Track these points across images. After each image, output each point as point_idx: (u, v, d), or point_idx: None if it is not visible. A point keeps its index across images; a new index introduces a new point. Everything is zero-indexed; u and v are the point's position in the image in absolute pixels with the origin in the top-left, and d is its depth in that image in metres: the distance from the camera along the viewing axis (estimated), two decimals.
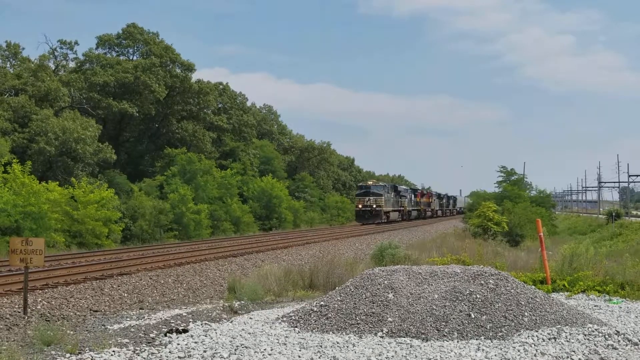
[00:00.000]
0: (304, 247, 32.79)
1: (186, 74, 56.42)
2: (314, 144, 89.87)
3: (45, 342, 9.53)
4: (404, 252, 20.24)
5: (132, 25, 56.99)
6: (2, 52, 48.97)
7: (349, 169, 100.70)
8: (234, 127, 65.40)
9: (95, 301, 14.88)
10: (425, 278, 11.09)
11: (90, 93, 49.87)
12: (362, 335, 9.62)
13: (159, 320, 11.78)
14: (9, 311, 12.93)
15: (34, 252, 12.43)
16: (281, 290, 15.29)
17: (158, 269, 20.91)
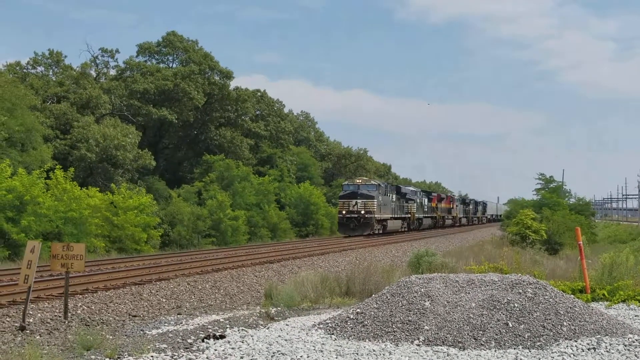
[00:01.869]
0: (340, 253, 32.79)
1: (225, 81, 56.90)
2: (351, 151, 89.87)
3: (85, 346, 9.67)
4: (441, 260, 20.13)
5: (172, 33, 57.68)
6: (45, 61, 49.88)
7: (385, 175, 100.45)
8: (271, 133, 65.72)
9: (134, 306, 15.05)
10: (463, 286, 11.03)
11: (130, 100, 50.56)
12: (398, 343, 9.60)
13: (197, 325, 11.88)
14: (50, 315, 13.15)
15: (75, 258, 12.63)
16: (318, 297, 15.31)
17: (196, 275, 21.08)
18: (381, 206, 51.75)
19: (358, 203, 49.82)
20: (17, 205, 29.02)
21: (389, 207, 54.61)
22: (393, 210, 56.05)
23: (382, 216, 52.45)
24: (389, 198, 54.64)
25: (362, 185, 51.37)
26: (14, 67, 48.54)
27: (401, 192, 60.25)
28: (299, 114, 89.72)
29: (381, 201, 51.73)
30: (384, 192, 53.42)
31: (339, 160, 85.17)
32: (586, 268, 15.01)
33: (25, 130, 35.86)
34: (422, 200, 68.35)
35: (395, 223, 56.78)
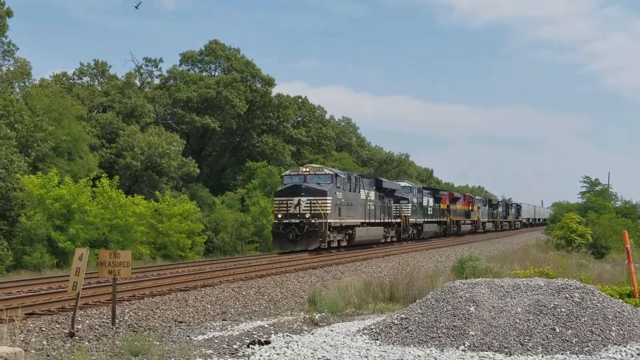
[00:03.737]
0: (383, 259, 32.70)
1: (266, 89, 57.26)
2: (393, 156, 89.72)
3: (133, 352, 9.81)
4: (485, 265, 19.97)
5: (214, 41, 58.26)
6: (91, 71, 50.78)
7: (427, 180, 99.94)
8: (313, 140, 65.89)
9: (179, 312, 15.21)
10: (508, 291, 10.94)
11: (174, 109, 51.20)
12: (443, 349, 9.56)
13: (242, 331, 11.96)
14: (98, 322, 13.35)
15: (122, 265, 12.82)
16: (361, 303, 15.31)
17: (240, 281, 21.22)
18: (341, 207, 34.96)
19: (302, 202, 33.04)
20: (64, 213, 29.57)
21: (360, 208, 37.96)
22: (368, 213, 39.29)
23: (345, 221, 35.55)
24: (358, 195, 37.88)
25: (309, 175, 34.75)
26: (61, 78, 49.52)
27: (383, 188, 42.83)
28: (341, 119, 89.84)
29: (341, 199, 35.10)
30: (349, 186, 36.72)
31: (381, 165, 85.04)
32: (634, 272, 14.76)
33: (72, 140, 36.56)
34: (421, 200, 51.89)
35: (371, 231, 39.74)
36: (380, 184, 42.71)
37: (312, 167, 35.99)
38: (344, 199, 35.62)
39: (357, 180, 38.39)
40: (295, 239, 32.99)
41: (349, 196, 36.32)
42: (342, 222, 35.37)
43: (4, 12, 34.96)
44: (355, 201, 37.25)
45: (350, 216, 36.35)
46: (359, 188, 38.34)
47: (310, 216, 32.86)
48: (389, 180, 51.77)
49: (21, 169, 30.68)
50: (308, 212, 32.92)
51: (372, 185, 41.31)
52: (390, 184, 45.68)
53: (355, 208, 37.31)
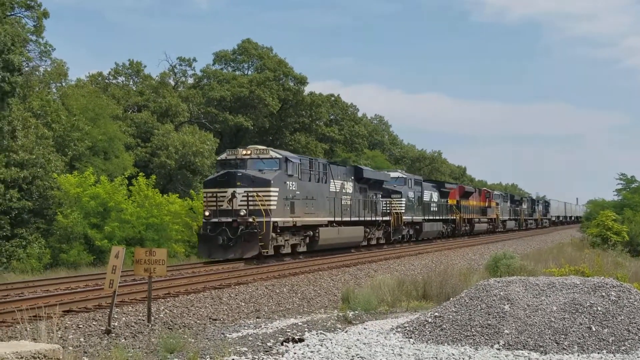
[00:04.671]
0: (416, 257, 32.60)
1: (299, 87, 57.36)
2: (425, 154, 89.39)
3: (168, 349, 9.92)
4: (519, 263, 19.82)
5: (247, 40, 58.50)
6: (126, 71, 51.33)
7: (460, 178, 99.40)
8: (345, 138, 65.88)
9: (214, 310, 15.32)
10: (543, 289, 10.86)
11: (207, 108, 51.55)
12: (477, 347, 9.52)
13: (276, 329, 12.03)
14: (134, 319, 13.51)
15: (157, 262, 12.96)
16: (394, 301, 15.30)
17: (273, 279, 21.31)
18: (295, 201, 27.47)
19: (237, 195, 25.60)
20: (100, 211, 29.95)
21: (327, 203, 30.49)
22: (341, 209, 31.79)
23: (301, 220, 27.87)
24: (325, 187, 30.38)
25: (250, 159, 26.96)
26: (97, 78, 50.11)
27: (365, 179, 35.21)
28: (373, 117, 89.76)
29: (295, 191, 27.52)
30: (310, 174, 29.06)
31: (413, 163, 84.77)
32: None
33: (107, 139, 37.03)
34: (421, 194, 43.96)
35: (345, 232, 32.08)
36: (360, 173, 34.83)
37: (255, 149, 27.75)
38: (301, 191, 27.84)
39: (324, 167, 30.60)
40: (226, 244, 25.43)
41: (308, 188, 28.56)
42: (297, 221, 27.48)
43: (40, 14, 35.45)
44: (319, 194, 29.51)
45: (310, 213, 28.54)
46: (327, 178, 30.69)
47: (246, 213, 25.29)
48: (376, 169, 45.75)
49: (58, 168, 31.14)
50: (244, 207, 25.40)
51: (350, 175, 33.61)
52: (375, 174, 38.14)
53: (320, 203, 29.52)
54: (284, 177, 26.87)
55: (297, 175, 27.81)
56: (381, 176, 38.77)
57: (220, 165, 28.10)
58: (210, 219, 26.02)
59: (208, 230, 25.92)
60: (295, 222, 27.49)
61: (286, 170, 27.02)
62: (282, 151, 29.80)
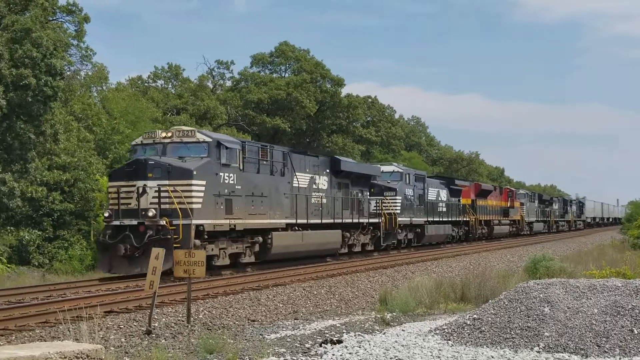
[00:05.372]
0: (454, 259, 32.42)
1: (336, 89, 57.45)
2: (463, 155, 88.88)
3: (208, 350, 10.02)
4: (559, 265, 19.61)
5: (284, 43, 58.77)
6: (165, 74, 51.92)
7: (498, 179, 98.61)
8: (382, 139, 65.83)
9: (252, 311, 15.42)
10: (584, 292, 10.75)
11: (245, 110, 51.90)
12: (517, 350, 9.46)
13: (314, 330, 12.07)
14: (173, 320, 13.66)
15: (196, 264, 13.08)
16: (432, 303, 15.24)
17: (311, 280, 21.37)
18: (234, 198, 21.88)
19: (148, 190, 20.10)
20: None
21: (285, 201, 25.01)
22: (307, 209, 26.30)
23: (244, 222, 22.31)
24: (282, 181, 24.95)
25: (172, 144, 21.37)
26: (136, 81, 50.80)
27: (344, 172, 29.60)
28: (410, 119, 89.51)
29: (235, 185, 21.98)
30: (259, 165, 23.59)
31: (451, 164, 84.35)
32: None
33: None
34: (423, 192, 38.27)
35: (312, 237, 26.35)
36: (337, 165, 29.00)
37: (179, 130, 21.92)
38: (244, 185, 22.31)
39: (282, 157, 25.16)
40: (130, 254, 19.60)
41: (256, 181, 23.16)
42: (237, 224, 21.86)
43: (81, 18, 36.01)
44: (273, 190, 24.12)
45: (259, 214, 23.13)
46: (287, 170, 25.22)
47: (155, 214, 19.56)
48: (361, 162, 40.45)
49: (99, 170, 31.62)
50: (155, 207, 19.66)
51: (324, 168, 28.13)
52: (360, 167, 32.63)
53: (275, 201, 24.18)
54: (216, 167, 21.03)
55: (237, 164, 22.03)
56: (368, 170, 33.20)
57: (135, 152, 21.93)
58: (111, 222, 20.20)
59: (107, 237, 20.06)
60: (233, 225, 21.67)
61: (219, 158, 21.11)
62: (215, 133, 24.33)
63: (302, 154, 28.06)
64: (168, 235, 19.33)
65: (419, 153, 77.17)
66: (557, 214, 76.00)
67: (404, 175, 36.62)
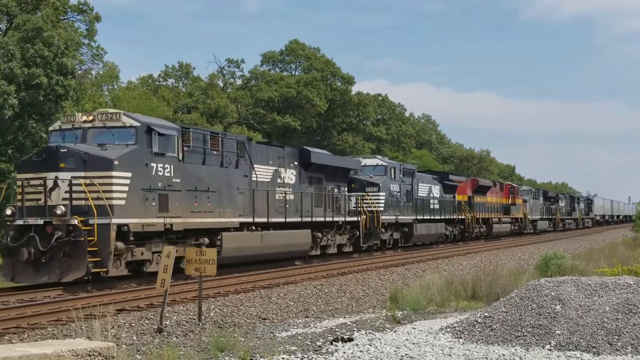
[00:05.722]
0: (465, 257, 32.35)
1: (346, 87, 57.47)
2: (474, 153, 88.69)
3: (219, 348, 10.04)
4: (571, 263, 19.53)
5: (295, 41, 58.82)
6: (175, 73, 52.05)
7: (509, 177, 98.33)
8: (392, 137, 65.78)
9: (263, 309, 15.44)
10: (595, 290, 10.71)
11: (255, 108, 51.97)
12: (528, 347, 9.44)
13: (325, 328, 12.08)
14: (185, 318, 13.70)
15: (207, 262, 13.11)
16: (443, 301, 15.22)
17: (322, 279, 21.38)
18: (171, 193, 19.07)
19: (59, 184, 17.13)
20: None
21: (239, 197, 22.11)
22: (262, 207, 23.13)
23: (182, 221, 19.43)
24: (237, 174, 22.14)
25: (92, 129, 18.40)
26: (147, 80, 50.97)
27: (315, 165, 26.70)
28: (420, 117, 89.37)
29: (172, 178, 19.14)
30: (205, 154, 20.72)
31: (461, 162, 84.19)
32: None
33: None
34: (411, 187, 35.45)
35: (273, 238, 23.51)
36: (307, 157, 26.09)
37: (102, 113, 18.91)
38: (184, 178, 19.39)
39: (236, 146, 22.11)
40: (34, 260, 16.65)
41: (201, 174, 20.20)
42: (174, 224, 18.92)
43: (92, 18, 36.17)
44: (224, 184, 21.19)
45: (205, 212, 20.29)
46: (242, 161, 22.29)
47: (64, 212, 16.70)
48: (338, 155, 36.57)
49: None
50: (66, 203, 16.87)
51: (292, 160, 25.46)
52: (335, 160, 29.57)
53: (225, 197, 21.20)
54: (145, 157, 18.21)
55: (174, 154, 19.10)
56: (345, 163, 30.61)
57: (54, 136, 19.04)
58: (15, 221, 17.23)
59: (9, 239, 17.09)
60: (169, 224, 18.73)
61: (150, 146, 18.19)
62: (146, 117, 20.44)
63: (265, 144, 26.34)
64: (80, 237, 16.47)
65: (430, 151, 77.06)
66: (564, 211, 73.62)
67: (389, 169, 33.61)
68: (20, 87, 27.89)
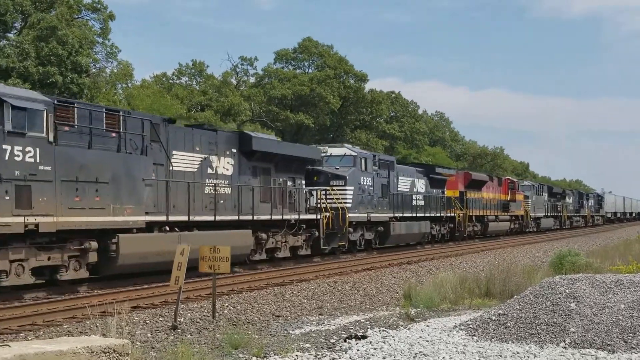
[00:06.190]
0: (478, 254, 32.26)
1: (359, 84, 57.45)
2: (487, 150, 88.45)
3: (233, 345, 10.07)
4: (585, 260, 19.45)
5: (308, 39, 58.86)
6: (189, 71, 52.20)
7: (523, 174, 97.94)
8: (406, 135, 65.69)
9: (277, 306, 15.46)
10: (610, 287, 10.65)
11: (269, 106, 52.05)
12: (543, 345, 9.40)
13: (338, 326, 12.09)
14: (199, 315, 13.74)
15: (221, 259, 13.14)
16: (457, 298, 15.19)
17: (335, 276, 21.39)
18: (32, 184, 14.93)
19: None
20: None
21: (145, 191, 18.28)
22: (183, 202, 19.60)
23: (56, 221, 15.29)
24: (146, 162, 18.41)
25: None
26: (161, 78, 51.14)
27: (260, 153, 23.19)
28: (434, 114, 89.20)
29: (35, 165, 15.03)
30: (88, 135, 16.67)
31: (475, 159, 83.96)
32: None
33: None
34: (387, 182, 31.49)
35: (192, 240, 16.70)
36: (247, 143, 22.37)
37: None
38: (59, 165, 15.68)
39: (143, 127, 18.36)
40: None
41: (87, 160, 16.49)
42: (42, 223, 15.08)
43: (106, 16, 36.31)
44: (123, 174, 17.38)
45: (92, 208, 16.44)
46: (153, 146, 18.68)
47: None
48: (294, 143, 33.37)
49: None
50: None
51: (228, 146, 21.77)
52: (285, 147, 25.43)
53: (125, 190, 17.39)
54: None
55: (42, 133, 15.27)
56: (300, 151, 26.23)
57: None
58: None
59: None
60: (34, 225, 14.93)
61: (1, 123, 14.48)
62: None
63: (192, 127, 22.31)
64: None
65: (443, 148, 76.86)
66: (571, 208, 69.35)
67: (359, 160, 29.39)
68: (35, 86, 28.03)
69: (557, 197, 64.51)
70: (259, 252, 23.03)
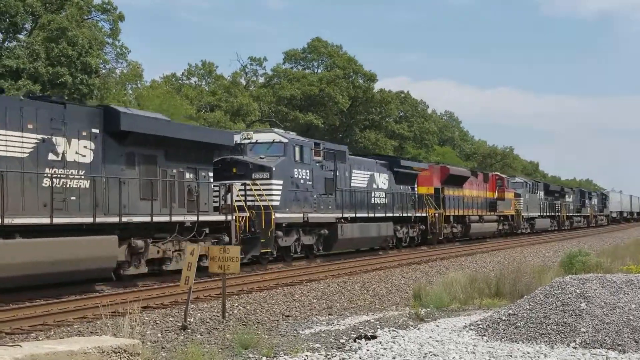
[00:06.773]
0: (488, 254, 32.21)
1: (368, 84, 57.43)
2: (497, 150, 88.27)
3: (243, 345, 10.09)
4: (595, 260, 19.39)
5: (317, 39, 58.89)
6: (199, 71, 52.32)
7: (533, 174, 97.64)
8: (415, 134, 65.62)
9: (286, 307, 15.48)
10: (621, 287, 10.62)
11: (278, 106, 52.11)
12: (553, 345, 9.38)
13: (348, 326, 12.10)
14: (209, 315, 13.77)
15: (231, 260, 13.17)
16: (467, 298, 15.18)
17: (345, 276, 21.38)
18: None
19: None
20: None
21: None
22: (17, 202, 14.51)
23: None
24: None
25: None
26: (170, 79, 51.28)
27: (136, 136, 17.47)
28: (443, 113, 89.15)
29: None
30: None
31: (484, 159, 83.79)
32: None
33: None
34: (333, 176, 26.28)
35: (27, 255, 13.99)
36: (115, 122, 17.00)
37: None
38: None
39: None
40: None
41: None
42: None
43: (116, 17, 36.43)
44: None
45: None
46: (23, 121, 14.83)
47: None
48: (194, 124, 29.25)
49: None
50: None
51: (87, 125, 16.44)
52: (178, 130, 19.96)
53: None
54: None
55: None
56: (202, 135, 20.81)
57: None
58: None
59: None
60: None
61: None
62: None
63: (23, 97, 17.13)
64: None
65: (452, 148, 76.75)
66: (571, 207, 64.21)
67: (291, 148, 24.10)
68: (45, 86, 28.15)
69: (555, 196, 60.10)
70: (135, 264, 17.83)
